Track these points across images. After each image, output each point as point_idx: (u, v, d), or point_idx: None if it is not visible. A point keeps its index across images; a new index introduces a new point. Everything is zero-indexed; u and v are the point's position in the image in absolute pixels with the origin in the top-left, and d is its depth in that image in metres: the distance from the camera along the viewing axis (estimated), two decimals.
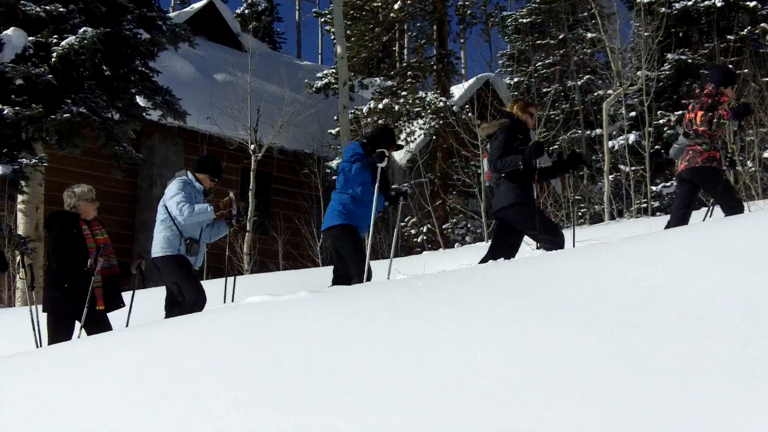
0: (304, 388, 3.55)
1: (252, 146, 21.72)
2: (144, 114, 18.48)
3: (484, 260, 8.58)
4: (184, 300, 8.54)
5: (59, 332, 8.30)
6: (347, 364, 3.76)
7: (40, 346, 8.98)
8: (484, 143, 9.21)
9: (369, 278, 8.57)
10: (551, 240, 8.46)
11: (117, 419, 3.68)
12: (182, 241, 8.70)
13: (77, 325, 8.46)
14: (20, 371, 4.96)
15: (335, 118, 24.51)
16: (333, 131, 24.75)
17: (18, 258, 9.45)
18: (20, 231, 17.08)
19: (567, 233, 9.19)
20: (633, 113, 24.72)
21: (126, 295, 9.15)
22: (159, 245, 8.77)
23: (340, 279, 8.75)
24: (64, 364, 4.82)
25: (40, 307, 8.85)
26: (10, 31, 16.69)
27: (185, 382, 3.92)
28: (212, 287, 10.21)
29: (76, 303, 8.33)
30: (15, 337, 10.67)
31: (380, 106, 25.00)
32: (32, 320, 9.21)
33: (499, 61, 36.11)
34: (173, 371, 4.13)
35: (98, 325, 8.30)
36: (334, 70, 26.14)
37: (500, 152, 8.63)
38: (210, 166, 9.06)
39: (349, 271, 8.69)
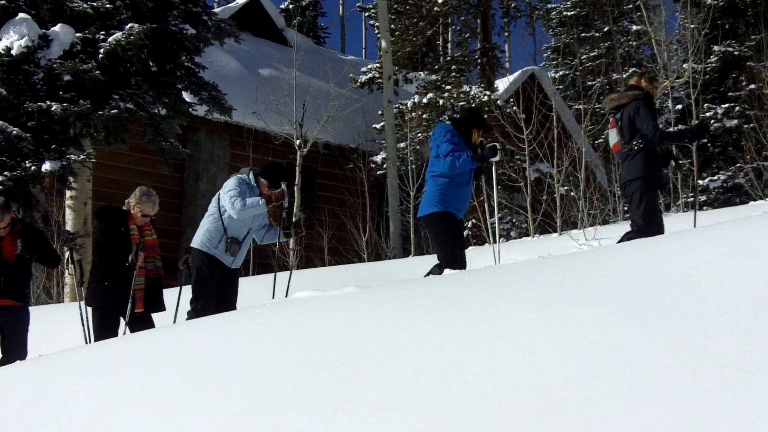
0: (354, 383, 3.55)
1: (297, 141, 21.78)
2: (190, 109, 18.57)
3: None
4: (194, 303, 8.60)
5: (104, 329, 8.33)
6: (397, 358, 3.75)
7: (89, 342, 9.06)
8: (611, 113, 9.15)
9: (463, 267, 8.47)
10: (642, 228, 8.41)
11: (169, 416, 3.70)
12: (223, 238, 8.71)
13: (122, 321, 8.50)
14: (72, 367, 5.00)
15: (380, 112, 24.50)
16: (377, 126, 24.74)
17: (66, 254, 9.49)
18: (68, 227, 17.24)
19: (612, 228, 9.13)
20: (679, 106, 24.51)
21: (173, 292, 9.18)
22: (199, 238, 8.79)
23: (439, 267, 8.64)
24: (114, 361, 4.86)
25: None
26: (57, 28, 16.83)
27: (236, 378, 3.94)
28: (259, 283, 10.25)
29: (116, 301, 8.36)
30: (64, 332, 10.78)
31: (425, 100, 24.95)
32: (81, 316, 9.28)
33: (544, 54, 35.99)
34: (223, 368, 4.15)
35: (141, 323, 8.31)
36: (378, 65, 26.13)
37: (655, 123, 8.65)
38: (272, 173, 8.99)
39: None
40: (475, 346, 3.70)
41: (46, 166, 15.70)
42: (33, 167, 15.72)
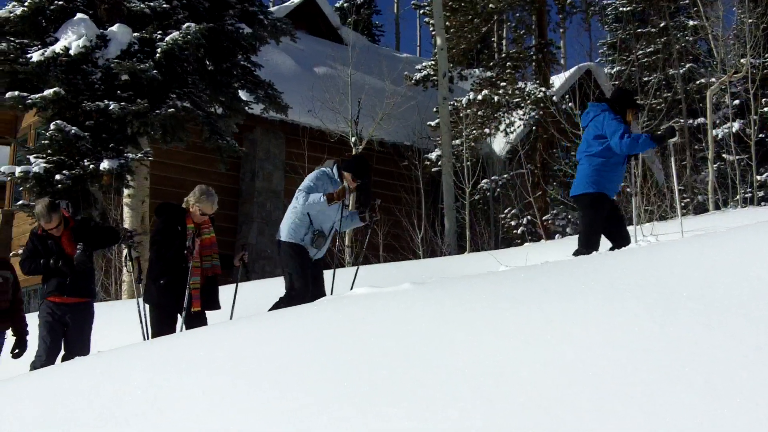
0: (411, 379, 3.55)
1: (353, 139, 21.82)
2: (246, 108, 18.69)
3: None
4: (291, 290, 8.57)
5: (161, 325, 8.34)
6: (454, 354, 3.74)
7: (148, 338, 9.14)
8: None
9: (627, 243, 8.46)
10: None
11: (226, 413, 3.71)
12: (309, 231, 8.67)
13: (179, 318, 8.54)
14: (130, 364, 5.06)
15: (434, 109, 24.48)
16: (432, 123, 24.71)
17: (125, 251, 9.57)
18: (126, 224, 17.43)
19: (670, 224, 9.06)
20: (737, 101, 24.19)
21: (230, 289, 9.21)
22: (285, 230, 8.74)
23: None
24: (172, 358, 4.90)
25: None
26: (115, 28, 17.03)
27: (292, 375, 3.95)
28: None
29: (172, 299, 8.38)
30: (123, 330, 10.88)
31: (479, 97, 24.89)
32: (139, 313, 9.36)
33: (600, 50, 35.69)
34: (279, 364, 4.16)
35: (197, 320, 8.34)
36: (433, 62, 26.10)
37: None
38: (355, 166, 8.94)
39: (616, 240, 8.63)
40: (532, 342, 3.68)
41: (105, 165, 15.90)
42: (91, 166, 15.93)
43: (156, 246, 8.51)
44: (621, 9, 30.66)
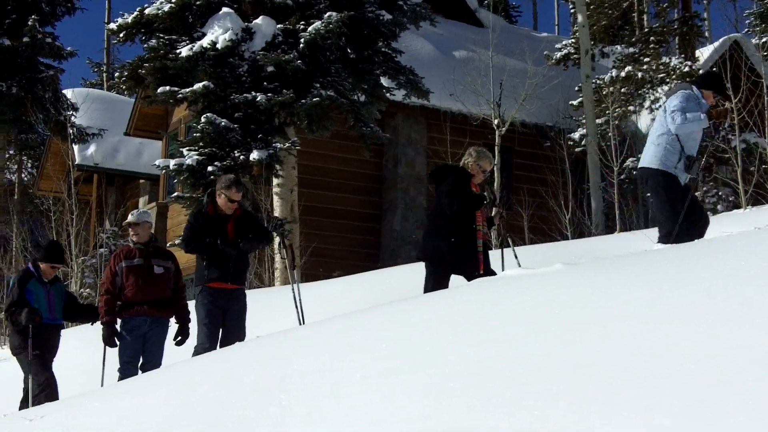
0: (569, 360, 3.52)
1: (495, 121, 21.72)
2: (388, 94, 18.81)
3: None
4: (668, 224, 8.19)
5: (436, 281, 8.14)
6: (610, 335, 3.70)
7: (303, 323, 9.32)
8: None
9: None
10: None
11: (388, 397, 3.73)
12: (682, 156, 8.31)
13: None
14: (292, 348, 5.16)
15: (576, 88, 24.17)
16: (574, 102, 24.40)
17: (277, 239, 9.76)
18: (276, 213, 17.76)
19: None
20: None
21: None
22: (655, 157, 8.36)
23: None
24: (333, 341, 4.98)
25: (302, 285, 9.06)
26: (260, 20, 17.37)
27: (450, 358, 3.95)
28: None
29: (458, 259, 8.20)
30: (278, 315, 11.10)
31: (623, 74, 24.44)
32: (294, 299, 9.55)
33: (746, 21, 34.65)
34: (436, 347, 4.17)
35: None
36: (573, 41, 25.76)
37: None
38: (715, 82, 8.65)
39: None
40: (691, 322, 3.59)
41: (254, 155, 16.26)
42: (242, 157, 16.31)
43: (449, 199, 8.26)
44: None
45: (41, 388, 9.39)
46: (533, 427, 3.01)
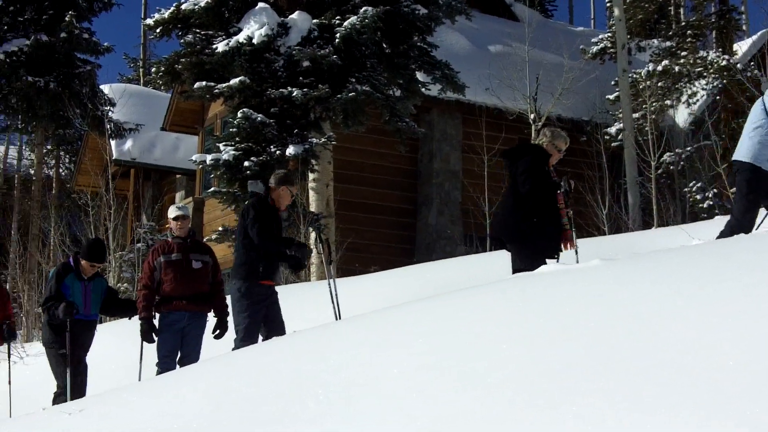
0: (606, 356, 3.50)
1: (532, 115, 21.64)
2: (423, 89, 18.79)
3: None
4: (736, 218, 8.02)
5: (523, 262, 8.01)
6: (649, 331, 3.66)
7: (339, 318, 9.32)
8: None
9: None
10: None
11: (426, 391, 3.73)
12: None
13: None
14: (328, 342, 5.17)
15: (612, 83, 24.04)
16: (611, 96, 24.28)
17: (313, 234, 9.76)
18: (312, 208, 17.81)
19: None
20: None
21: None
22: (745, 150, 8.15)
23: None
24: (370, 336, 4.98)
25: (338, 280, 9.05)
26: (295, 15, 17.40)
27: (487, 352, 3.95)
28: (503, 258, 10.19)
29: (540, 239, 8.14)
30: (314, 311, 11.12)
31: (659, 68, 24.29)
32: (330, 293, 9.54)
33: None
34: (474, 342, 4.17)
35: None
36: (609, 34, 25.63)
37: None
38: None
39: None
40: (736, 318, 3.55)
41: (290, 150, 16.31)
42: (278, 152, 16.37)
43: (529, 184, 8.15)
44: None
45: (59, 390, 9.47)
46: (576, 423, 3.00)
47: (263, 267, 8.72)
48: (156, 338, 9.26)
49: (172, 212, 9.56)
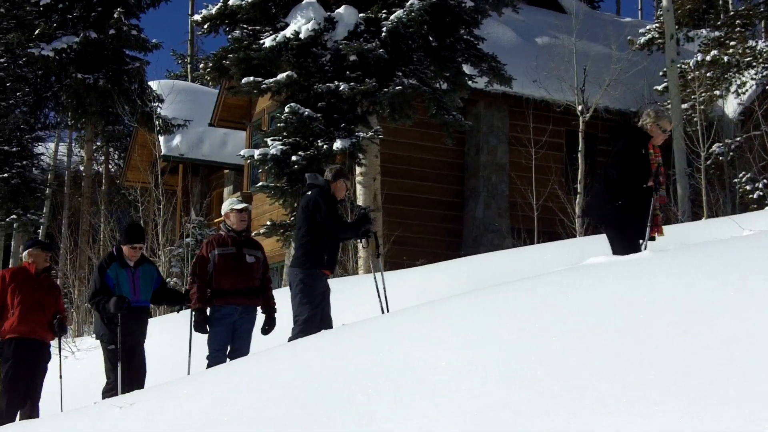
0: (656, 351, 3.49)
1: (579, 107, 21.51)
2: (470, 82, 18.74)
3: None
4: None
5: (628, 246, 7.88)
6: (698, 322, 3.65)
7: (387, 311, 9.33)
8: None
9: None
10: None
11: (473, 383, 3.73)
12: None
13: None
14: (376, 336, 5.18)
15: (660, 73, 23.84)
16: (659, 87, 24.07)
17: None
18: (359, 202, 17.84)
19: None
20: None
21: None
22: None
23: None
24: (419, 328, 5.00)
25: (385, 273, 9.08)
26: (341, 9, 17.42)
27: (534, 346, 3.95)
28: (551, 251, 10.19)
29: (626, 221, 8.07)
30: (361, 303, 11.15)
31: (708, 58, 24.03)
32: (377, 287, 9.54)
33: None
34: (522, 334, 4.17)
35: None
36: (657, 25, 25.38)
37: None
38: None
39: None
40: None
41: (337, 145, 16.33)
42: (325, 146, 16.39)
43: (618, 168, 8.09)
44: None
45: (108, 386, 9.48)
46: (631, 419, 2.99)
47: (327, 256, 8.97)
48: (208, 330, 9.29)
49: (235, 204, 9.51)
